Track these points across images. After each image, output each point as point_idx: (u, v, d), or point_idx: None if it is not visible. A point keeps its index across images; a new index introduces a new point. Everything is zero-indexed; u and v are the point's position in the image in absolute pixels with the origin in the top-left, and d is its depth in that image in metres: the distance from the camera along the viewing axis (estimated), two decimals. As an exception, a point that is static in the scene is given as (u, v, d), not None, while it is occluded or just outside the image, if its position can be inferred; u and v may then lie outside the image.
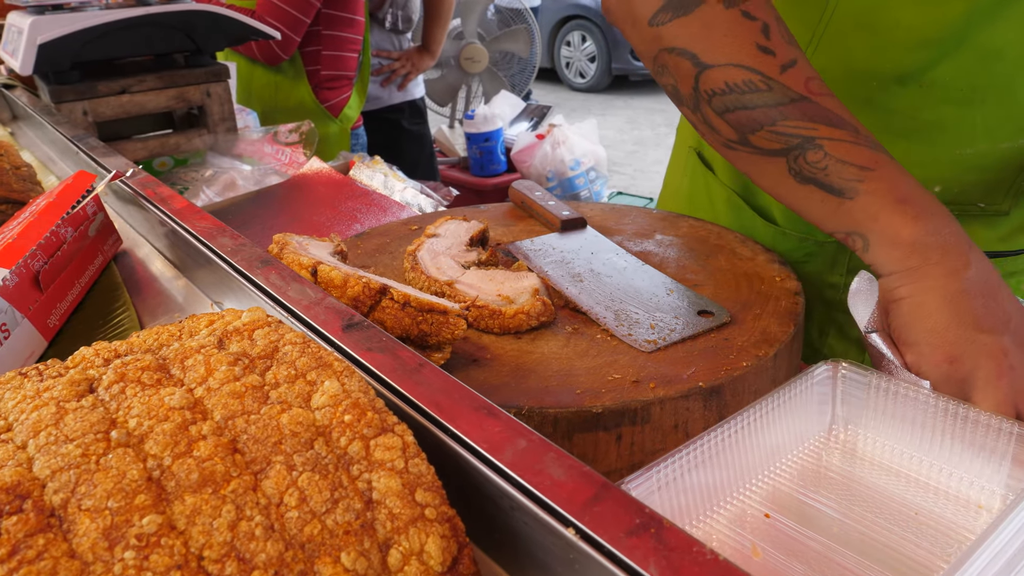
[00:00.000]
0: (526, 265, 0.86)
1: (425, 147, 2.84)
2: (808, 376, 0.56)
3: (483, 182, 3.77)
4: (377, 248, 0.98)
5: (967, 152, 0.80)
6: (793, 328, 0.73)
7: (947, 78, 0.77)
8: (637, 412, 0.63)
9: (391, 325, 0.65)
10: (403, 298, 0.65)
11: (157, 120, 1.76)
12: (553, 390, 0.65)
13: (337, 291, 0.66)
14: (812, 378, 0.56)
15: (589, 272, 0.85)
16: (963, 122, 0.78)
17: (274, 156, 1.63)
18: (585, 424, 0.63)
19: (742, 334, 0.73)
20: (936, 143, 0.80)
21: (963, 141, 0.79)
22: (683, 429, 0.65)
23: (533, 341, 0.73)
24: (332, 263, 0.71)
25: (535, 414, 0.62)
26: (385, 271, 0.91)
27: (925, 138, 0.80)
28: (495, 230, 1.01)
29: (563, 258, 0.88)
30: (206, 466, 0.34)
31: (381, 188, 1.46)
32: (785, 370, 0.72)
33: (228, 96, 1.63)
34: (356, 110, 2.28)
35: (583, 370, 0.68)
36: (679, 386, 0.64)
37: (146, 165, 1.67)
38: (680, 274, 0.86)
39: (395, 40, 2.68)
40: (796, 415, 0.55)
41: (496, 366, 0.69)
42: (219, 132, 1.63)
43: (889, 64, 0.79)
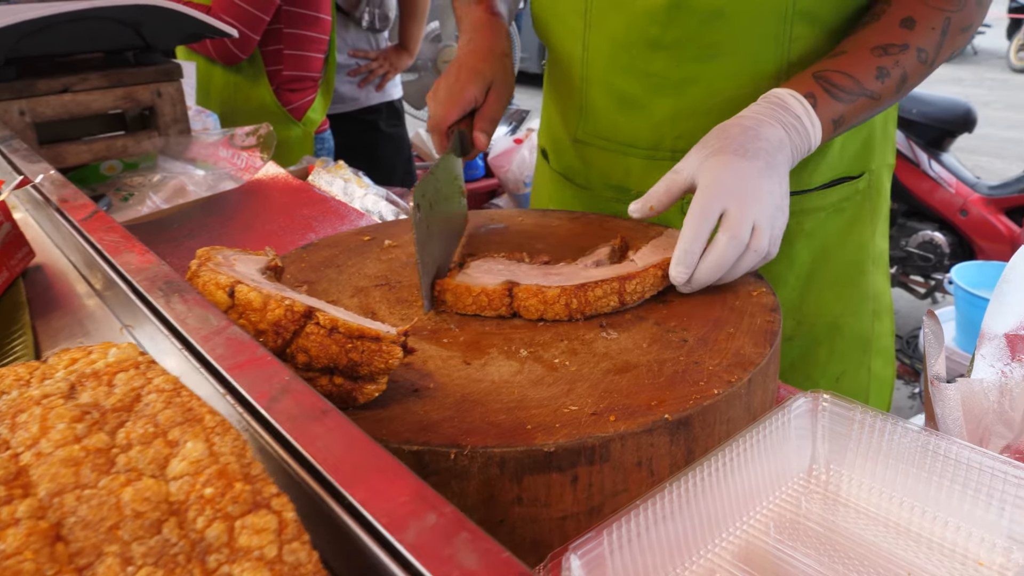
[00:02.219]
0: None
1: (403, 150, 2.75)
2: (785, 410, 0.49)
3: (459, 186, 3.69)
4: (324, 261, 0.90)
5: (719, 100, 0.95)
6: (769, 349, 0.67)
7: (683, 39, 0.93)
8: (595, 450, 0.56)
9: (316, 354, 0.57)
10: (330, 323, 0.57)
11: (108, 122, 1.67)
12: (501, 426, 0.57)
13: (256, 315, 0.59)
14: (789, 412, 0.49)
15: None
16: (708, 75, 0.95)
17: (230, 160, 1.55)
18: (536, 465, 0.55)
19: (713, 356, 0.66)
20: (692, 96, 0.96)
21: (713, 91, 0.95)
22: (647, 467, 0.58)
23: (484, 367, 0.66)
24: (256, 282, 0.63)
25: (479, 455, 0.55)
26: (330, 287, 0.83)
27: (682, 93, 0.97)
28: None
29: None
30: (10, 564, 0.26)
31: (340, 195, 1.39)
32: (760, 396, 0.66)
33: (180, 96, 1.54)
34: (321, 113, 2.20)
35: (536, 401, 0.60)
36: (642, 419, 0.57)
37: (92, 170, 1.58)
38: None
39: (372, 39, 2.60)
40: (772, 455, 0.48)
41: (439, 397, 0.62)
42: (171, 135, 1.55)
43: (637, 33, 0.95)
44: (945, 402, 0.54)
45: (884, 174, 1.08)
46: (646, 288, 0.75)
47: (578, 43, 1.02)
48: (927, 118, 2.87)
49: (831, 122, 0.86)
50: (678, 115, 0.99)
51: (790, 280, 1.05)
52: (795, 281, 1.06)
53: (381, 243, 0.95)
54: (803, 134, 0.84)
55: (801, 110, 0.84)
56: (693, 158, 0.80)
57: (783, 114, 0.83)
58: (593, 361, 0.66)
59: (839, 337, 1.08)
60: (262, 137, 1.55)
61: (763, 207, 0.77)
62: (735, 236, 0.75)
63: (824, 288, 1.07)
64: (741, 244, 0.75)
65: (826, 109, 0.85)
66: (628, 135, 1.04)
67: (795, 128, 0.83)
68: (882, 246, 1.10)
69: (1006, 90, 8.03)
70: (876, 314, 1.10)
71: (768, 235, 0.77)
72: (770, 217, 0.77)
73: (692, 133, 0.99)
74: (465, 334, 0.72)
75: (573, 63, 1.05)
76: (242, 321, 0.59)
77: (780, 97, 0.85)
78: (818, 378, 1.09)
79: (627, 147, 1.05)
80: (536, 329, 0.72)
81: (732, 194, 0.76)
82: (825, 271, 1.06)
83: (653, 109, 1.00)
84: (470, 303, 0.73)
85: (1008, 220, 2.85)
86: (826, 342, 1.08)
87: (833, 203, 1.04)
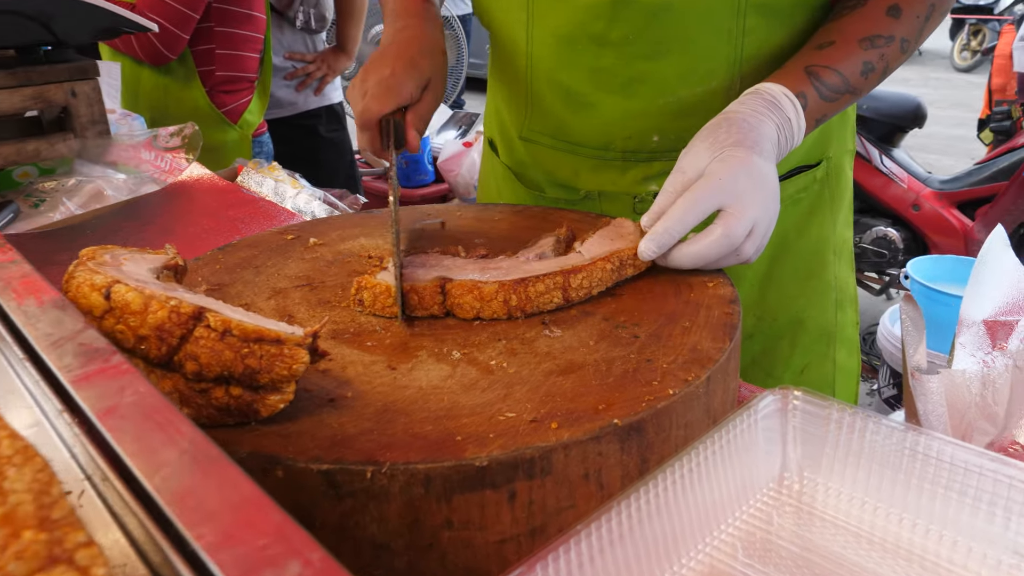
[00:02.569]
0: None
1: (344, 154, 2.66)
2: (750, 411, 0.42)
3: (411, 193, 3.60)
4: (241, 263, 0.81)
5: (670, 100, 0.90)
6: (729, 344, 0.60)
7: (630, 36, 0.87)
8: (534, 462, 0.48)
9: (207, 361, 0.49)
10: (223, 325, 0.49)
11: (22, 125, 1.56)
12: (427, 438, 0.50)
13: (136, 318, 0.50)
14: (755, 413, 0.42)
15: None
16: (657, 74, 0.89)
17: (153, 163, 1.44)
18: (467, 482, 0.48)
19: (667, 353, 0.59)
20: (642, 95, 0.90)
21: (664, 91, 0.89)
22: (595, 479, 0.51)
23: (411, 372, 0.58)
24: (142, 282, 0.54)
25: (400, 473, 0.47)
26: (244, 290, 0.75)
27: (632, 92, 0.90)
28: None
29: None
30: None
31: (271, 195, 1.30)
32: (720, 396, 0.59)
33: (98, 96, 1.43)
34: (258, 115, 2.10)
35: (468, 408, 0.53)
36: (588, 424, 0.50)
37: (4, 176, 1.46)
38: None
39: (308, 41, 2.50)
40: (737, 463, 0.42)
41: (357, 407, 0.54)
42: (88, 137, 1.44)
43: (579, 28, 0.89)
44: (928, 396, 0.48)
45: (844, 160, 1.03)
46: (594, 283, 0.68)
47: (521, 34, 0.95)
48: (878, 114, 2.87)
49: (814, 121, 0.81)
50: (628, 114, 0.93)
51: (748, 276, 1.00)
52: (753, 277, 1.00)
53: (306, 242, 0.86)
54: (789, 136, 0.78)
55: (792, 112, 0.78)
56: (702, 154, 0.72)
57: (776, 114, 0.77)
58: (534, 362, 0.59)
59: (802, 330, 1.03)
60: (187, 138, 1.45)
61: (766, 214, 0.71)
62: (730, 235, 0.69)
63: (784, 282, 1.01)
64: (732, 245, 0.69)
65: (813, 108, 0.80)
66: (576, 134, 0.98)
67: (783, 130, 0.77)
68: (844, 235, 1.05)
69: (951, 89, 8.23)
70: (839, 304, 1.05)
71: (758, 244, 0.71)
72: (767, 226, 0.72)
73: (643, 133, 0.94)
74: (392, 336, 0.64)
75: (517, 55, 0.98)
76: (120, 327, 0.50)
77: (773, 95, 0.78)
78: (781, 374, 1.04)
79: (576, 146, 0.99)
80: (471, 329, 0.64)
81: (742, 192, 0.69)
82: (784, 265, 1.01)
83: (602, 108, 0.94)
84: (390, 303, 0.65)
85: (960, 214, 2.87)
86: (788, 336, 1.03)
87: (790, 195, 0.98)
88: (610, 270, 0.68)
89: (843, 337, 1.06)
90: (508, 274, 0.67)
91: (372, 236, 0.88)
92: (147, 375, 0.51)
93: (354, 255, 0.82)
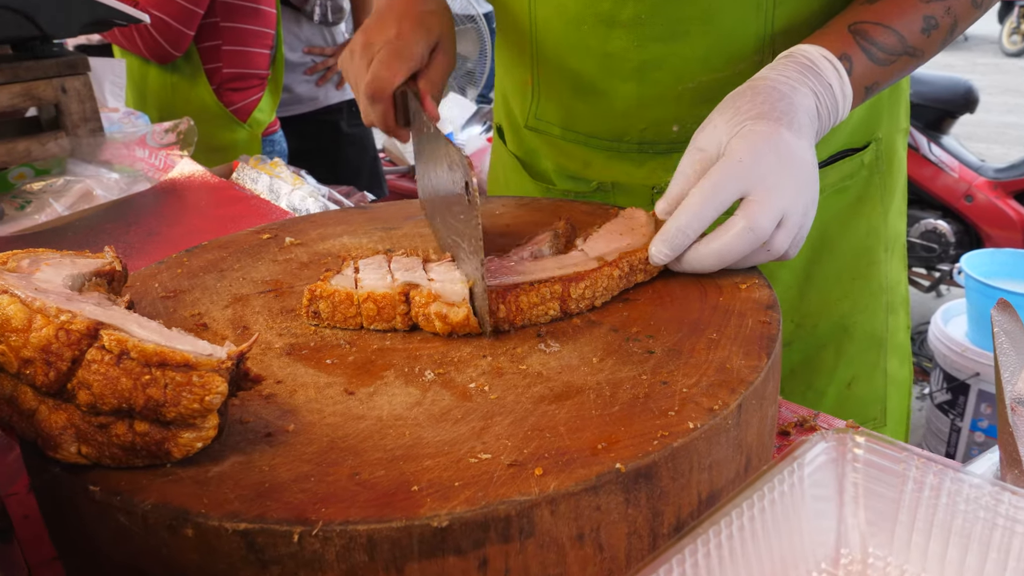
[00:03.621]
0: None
1: (367, 150, 2.57)
2: (795, 463, 0.31)
3: (434, 191, 3.51)
4: (207, 266, 0.72)
5: (691, 86, 0.79)
6: (766, 361, 0.48)
7: (642, 15, 0.76)
8: (511, 521, 0.37)
9: (101, 390, 0.39)
10: (118, 346, 0.39)
11: (19, 126, 1.49)
12: (376, 487, 0.39)
13: (18, 337, 0.40)
14: (803, 465, 0.31)
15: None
16: (676, 58, 0.78)
17: (147, 161, 1.37)
18: (423, 547, 0.37)
19: (688, 373, 0.48)
20: (658, 82, 0.80)
21: (683, 76, 0.79)
22: (593, 540, 0.40)
23: (371, 397, 0.48)
24: (42, 294, 0.45)
25: (335, 535, 0.37)
26: (201, 296, 0.65)
27: (646, 78, 0.80)
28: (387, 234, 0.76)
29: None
30: None
31: (265, 192, 1.21)
32: (756, 426, 0.47)
33: (89, 93, 1.36)
34: (269, 113, 2.02)
35: (434, 447, 0.42)
36: (583, 470, 0.39)
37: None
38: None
39: (327, 34, 2.42)
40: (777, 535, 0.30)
41: (298, 444, 0.43)
42: (81, 135, 1.36)
43: (586, 7, 0.78)
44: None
45: (897, 141, 0.90)
46: (597, 292, 0.57)
47: (524, 14, 0.84)
48: (925, 99, 2.70)
49: (864, 90, 0.68)
50: (643, 103, 0.82)
51: (784, 277, 0.87)
52: (790, 277, 0.88)
53: (281, 241, 0.76)
54: (832, 107, 0.66)
55: (834, 76, 0.66)
56: (721, 128, 0.62)
57: (814, 80, 0.65)
58: (522, 385, 0.48)
59: (848, 338, 0.90)
60: (182, 133, 1.37)
61: (798, 199, 0.59)
62: (754, 228, 0.57)
63: (827, 282, 0.89)
64: (758, 239, 0.58)
65: (861, 74, 0.67)
66: (587, 124, 0.87)
67: (824, 99, 0.65)
68: (897, 228, 0.91)
69: (1000, 75, 7.88)
70: (890, 307, 0.92)
71: (793, 235, 0.60)
72: (803, 213, 0.60)
73: (660, 123, 0.83)
74: (357, 351, 0.54)
75: (521, 37, 0.87)
76: (1, 347, 0.41)
77: (810, 58, 0.66)
78: (824, 387, 0.91)
79: (587, 137, 0.88)
80: (452, 343, 0.54)
81: (768, 174, 0.58)
82: (827, 263, 0.88)
83: (614, 96, 0.83)
84: (352, 314, 0.55)
85: (1017, 204, 2.67)
86: (832, 344, 0.90)
87: (833, 183, 0.86)
88: (617, 276, 0.57)
89: (895, 344, 0.93)
90: (495, 278, 0.56)
91: (356, 235, 0.78)
92: (36, 407, 0.41)
93: (332, 256, 0.72)
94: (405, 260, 0.60)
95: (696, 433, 0.42)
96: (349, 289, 0.55)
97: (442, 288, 0.54)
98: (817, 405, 0.91)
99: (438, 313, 0.52)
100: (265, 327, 0.59)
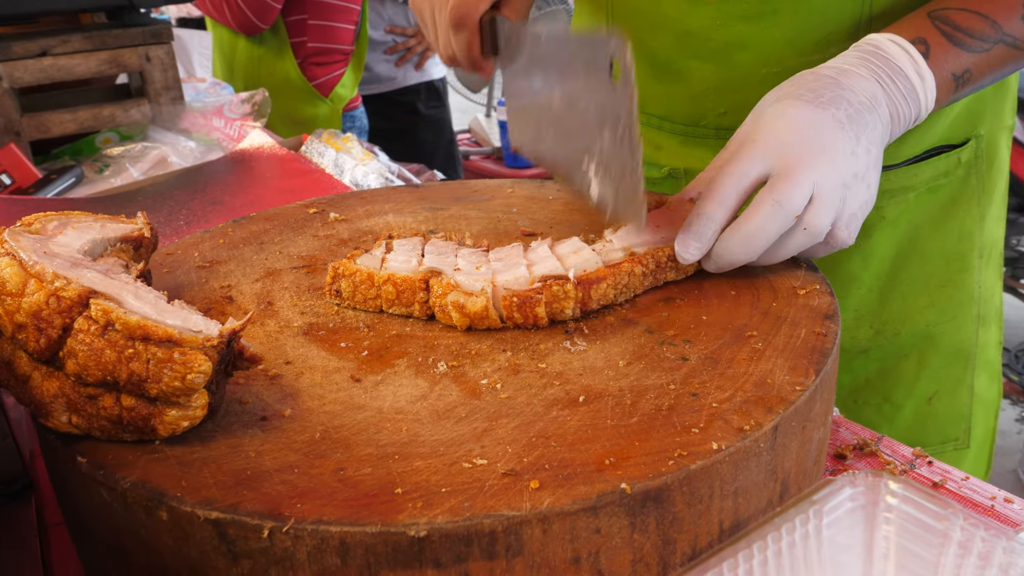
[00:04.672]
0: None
1: (444, 132, 2.56)
2: (811, 509, 0.26)
3: (517, 173, 3.48)
4: (248, 237, 0.71)
5: (776, 71, 0.73)
6: (813, 378, 0.43)
7: None
8: (496, 537, 0.34)
9: (85, 361, 0.38)
10: (104, 317, 0.37)
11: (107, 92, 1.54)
12: (358, 485, 0.36)
13: (12, 301, 0.39)
14: (820, 513, 0.26)
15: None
16: (762, 38, 0.73)
17: (222, 131, 1.39)
18: (399, 556, 0.34)
19: (723, 386, 0.43)
20: (741, 64, 0.75)
21: (768, 59, 0.74)
22: (591, 566, 0.36)
23: (377, 387, 0.45)
24: (49, 258, 0.44)
25: (307, 535, 0.34)
26: (235, 268, 0.64)
27: (727, 60, 0.75)
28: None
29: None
30: None
31: (330, 166, 1.20)
32: (796, 451, 0.42)
33: (172, 61, 1.39)
34: (351, 89, 2.02)
35: (429, 446, 0.39)
36: (584, 487, 0.35)
37: (88, 143, 1.44)
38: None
39: (410, 14, 2.41)
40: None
41: (291, 431, 0.41)
42: (162, 103, 1.39)
43: None
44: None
45: (1000, 139, 0.81)
46: (619, 292, 0.52)
47: None
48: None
49: (951, 78, 0.61)
50: (723, 86, 0.77)
51: (866, 279, 0.80)
52: (872, 280, 0.80)
53: (326, 217, 0.75)
54: (908, 94, 0.59)
55: (906, 61, 0.59)
56: (747, 121, 0.59)
57: (879, 65, 0.59)
58: (538, 385, 0.44)
59: (932, 349, 0.82)
60: (257, 104, 1.38)
61: (832, 170, 0.54)
62: (780, 202, 0.52)
63: (912, 288, 0.81)
64: (788, 215, 0.52)
65: (944, 61, 0.60)
66: (662, 107, 0.83)
67: (896, 85, 0.59)
68: (994, 234, 0.83)
69: None
70: (982, 319, 0.83)
71: (831, 209, 0.54)
72: (839, 184, 0.54)
73: (741, 109, 0.76)
74: (374, 336, 0.51)
75: (598, 10, 0.83)
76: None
77: (875, 44, 0.61)
78: (902, 401, 0.84)
79: (661, 120, 0.83)
80: (473, 334, 0.50)
81: (787, 149, 0.54)
82: (913, 266, 0.80)
83: (692, 78, 0.78)
84: (373, 296, 0.52)
85: None
86: (914, 355, 0.82)
87: (925, 181, 0.78)
88: (640, 274, 0.52)
89: (984, 360, 0.84)
90: (506, 269, 0.52)
91: (402, 214, 0.75)
92: (30, 372, 0.40)
93: (373, 234, 0.70)
94: (441, 244, 0.57)
95: (720, 455, 0.37)
96: (371, 269, 0.52)
97: (464, 279, 0.50)
98: (893, 420, 0.84)
99: (455, 303, 0.49)
100: (289, 304, 0.57)
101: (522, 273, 0.50)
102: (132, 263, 0.51)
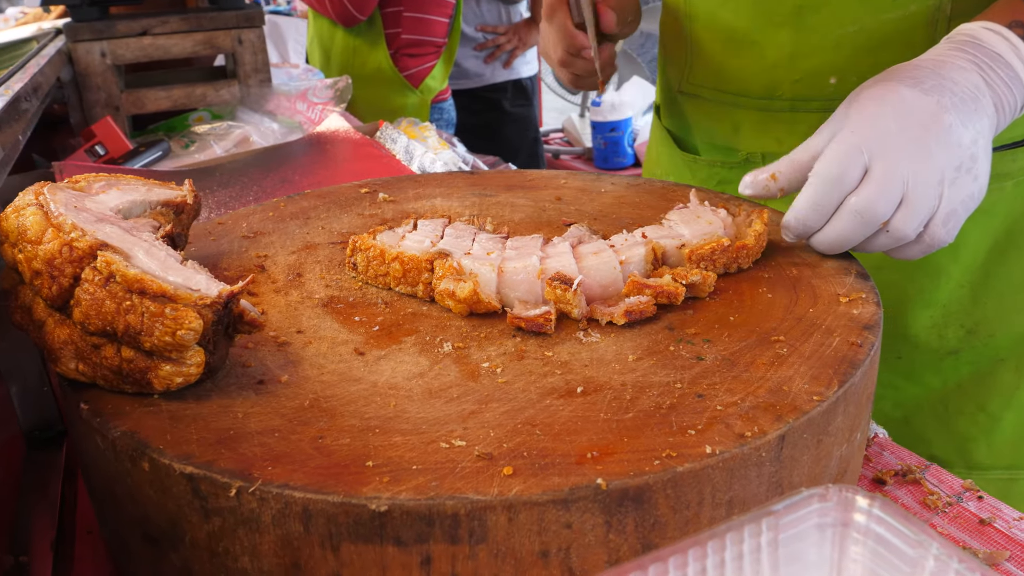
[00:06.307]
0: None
1: (529, 131, 2.55)
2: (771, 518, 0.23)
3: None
4: (297, 213, 0.72)
5: (851, 31, 0.73)
6: (835, 390, 0.39)
7: None
8: (459, 521, 0.32)
9: (87, 310, 0.39)
10: (107, 268, 0.38)
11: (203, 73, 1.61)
12: (332, 455, 0.36)
13: (31, 248, 0.41)
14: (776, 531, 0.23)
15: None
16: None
17: (304, 114, 1.42)
18: (360, 530, 0.33)
19: (733, 389, 0.40)
20: (815, 27, 0.75)
21: (843, 19, 0.73)
22: (562, 562, 0.34)
23: (378, 361, 0.44)
24: (77, 212, 0.45)
25: (272, 497, 0.33)
26: (276, 240, 0.65)
27: (803, 23, 0.75)
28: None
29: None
30: None
31: (401, 153, 1.21)
32: (809, 467, 0.39)
33: (262, 45, 1.44)
34: (441, 81, 2.04)
35: (412, 423, 0.38)
36: (558, 478, 0.33)
37: (180, 121, 1.51)
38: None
39: (503, 12, 2.42)
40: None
41: (283, 396, 0.41)
42: (251, 85, 1.45)
43: None
44: None
45: None
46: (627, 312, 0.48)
47: None
48: None
49: None
50: (798, 51, 0.75)
51: (955, 274, 0.75)
52: (963, 275, 0.75)
53: (375, 197, 0.75)
54: (1011, 80, 0.55)
55: (1005, 47, 0.55)
56: (841, 105, 0.56)
57: (975, 52, 0.55)
58: (538, 372, 0.42)
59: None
60: (339, 90, 1.41)
61: (928, 166, 0.51)
62: (862, 212, 0.51)
63: (1010, 286, 0.75)
64: (871, 224, 0.51)
65: None
66: (737, 81, 0.81)
67: (997, 73, 0.55)
68: None
69: None
70: None
71: (920, 213, 0.51)
72: (935, 182, 0.51)
73: (816, 74, 0.74)
74: (389, 312, 0.50)
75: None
76: (20, 256, 0.42)
77: (969, 33, 0.57)
78: (999, 411, 0.77)
79: (736, 96, 0.81)
80: (486, 318, 0.49)
81: (885, 139, 0.51)
82: (1012, 263, 0.74)
83: (766, 46, 0.76)
84: (383, 272, 0.52)
85: None
86: (1013, 360, 0.76)
87: (1022, 168, 0.72)
88: (647, 303, 0.49)
89: None
90: (517, 258, 0.50)
91: (450, 198, 0.75)
92: (45, 318, 0.42)
93: (417, 215, 0.70)
94: (462, 227, 0.56)
95: (713, 460, 0.34)
96: (384, 246, 0.52)
97: (470, 263, 0.49)
98: (991, 433, 0.77)
99: (446, 290, 0.48)
100: (316, 277, 0.57)
101: (532, 263, 0.48)
102: (165, 225, 0.52)
